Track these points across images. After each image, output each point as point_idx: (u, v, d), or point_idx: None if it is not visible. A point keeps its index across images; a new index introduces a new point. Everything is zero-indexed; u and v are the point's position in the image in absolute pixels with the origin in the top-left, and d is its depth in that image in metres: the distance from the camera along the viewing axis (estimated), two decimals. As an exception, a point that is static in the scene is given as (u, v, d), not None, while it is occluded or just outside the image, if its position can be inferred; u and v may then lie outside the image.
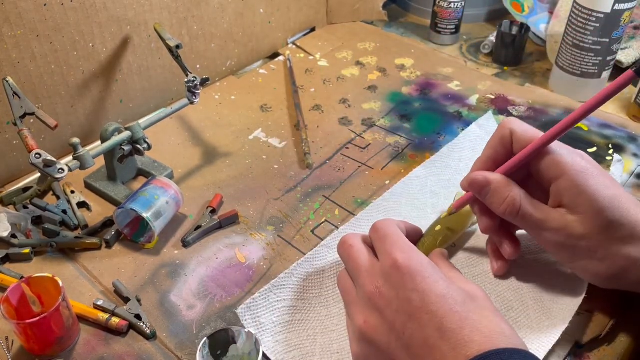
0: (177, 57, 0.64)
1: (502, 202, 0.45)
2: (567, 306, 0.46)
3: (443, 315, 0.36)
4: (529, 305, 0.47)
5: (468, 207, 0.53)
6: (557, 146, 0.44)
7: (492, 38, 0.88)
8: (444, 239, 0.50)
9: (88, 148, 0.54)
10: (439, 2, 0.88)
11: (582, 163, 0.43)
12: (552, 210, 0.44)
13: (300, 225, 0.58)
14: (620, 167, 0.64)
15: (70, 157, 0.53)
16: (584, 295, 0.47)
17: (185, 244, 0.56)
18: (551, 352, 0.44)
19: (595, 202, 0.41)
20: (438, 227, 0.51)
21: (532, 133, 0.45)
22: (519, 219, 0.45)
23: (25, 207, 0.59)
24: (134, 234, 0.56)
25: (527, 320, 0.46)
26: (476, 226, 0.56)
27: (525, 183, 0.46)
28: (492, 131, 0.67)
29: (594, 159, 0.45)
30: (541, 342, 0.44)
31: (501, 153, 0.47)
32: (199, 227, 0.57)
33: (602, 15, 0.68)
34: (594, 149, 0.67)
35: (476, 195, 0.47)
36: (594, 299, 0.47)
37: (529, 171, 0.46)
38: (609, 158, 0.65)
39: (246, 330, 0.43)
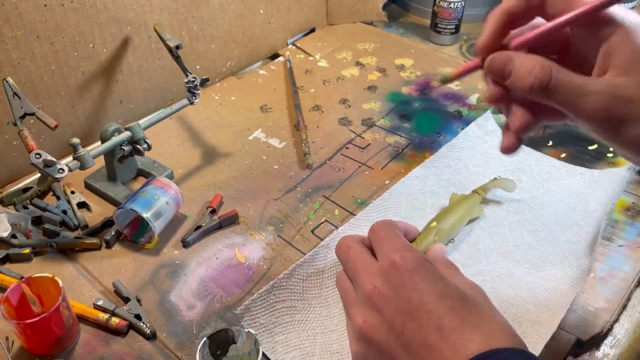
0: (177, 58, 0.64)
1: (529, 74, 0.37)
2: (565, 296, 0.46)
3: (442, 314, 0.36)
4: (527, 300, 0.47)
5: (466, 204, 0.53)
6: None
7: (492, 38, 0.88)
8: (440, 235, 0.50)
9: (88, 148, 0.54)
10: (438, 2, 0.88)
11: (637, 17, 0.36)
12: (594, 77, 0.36)
13: (300, 225, 0.58)
14: None
15: (70, 157, 0.53)
16: (581, 287, 0.47)
17: (185, 244, 0.56)
18: (552, 350, 0.44)
19: None
20: (434, 224, 0.51)
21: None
22: (551, 91, 0.37)
23: (25, 207, 0.59)
24: (134, 234, 0.56)
25: (526, 315, 0.46)
26: (474, 223, 0.56)
27: (564, 50, 0.40)
28: (491, 131, 0.67)
29: (594, 156, 0.43)
30: (541, 334, 0.44)
31: (522, 6, 0.38)
32: (199, 227, 0.57)
33: (601, 15, 0.68)
34: (595, 145, 0.67)
35: (498, 80, 0.39)
36: (594, 297, 0.47)
37: (566, 40, 0.39)
38: (609, 155, 0.65)
39: (246, 330, 0.43)
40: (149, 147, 0.59)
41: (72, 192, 0.61)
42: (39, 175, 0.62)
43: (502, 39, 0.39)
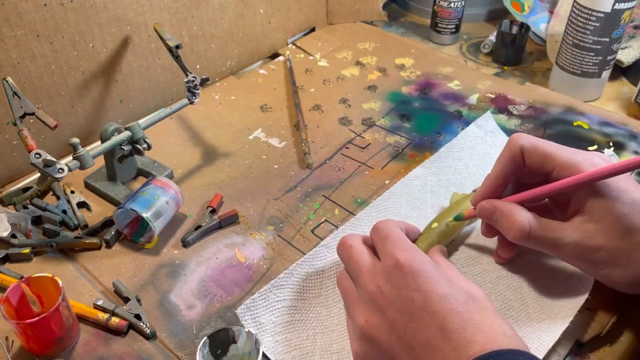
0: (177, 57, 0.64)
1: (510, 228, 0.44)
2: (569, 305, 0.46)
3: (445, 315, 0.36)
4: (529, 304, 0.47)
5: (466, 205, 0.53)
6: (573, 154, 0.43)
7: (492, 38, 0.88)
8: (442, 236, 0.50)
9: (88, 148, 0.54)
10: (439, 2, 0.88)
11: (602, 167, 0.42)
12: (566, 225, 0.43)
13: (300, 225, 0.58)
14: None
15: (70, 157, 0.53)
16: (587, 295, 0.46)
17: (185, 243, 0.56)
18: (552, 351, 0.44)
19: (615, 207, 0.40)
20: (435, 225, 0.51)
21: (543, 146, 0.44)
22: (532, 242, 0.44)
23: (25, 207, 0.59)
24: (134, 234, 0.56)
25: (527, 319, 0.46)
26: (475, 223, 0.56)
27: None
28: (491, 131, 0.67)
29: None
30: (542, 341, 0.44)
31: (511, 170, 0.46)
32: (198, 227, 0.57)
33: (602, 15, 0.68)
34: (595, 146, 0.67)
35: (487, 221, 0.48)
36: (594, 297, 0.47)
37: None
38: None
39: (246, 329, 0.43)
40: (149, 147, 0.59)
41: (72, 192, 0.61)
42: (38, 175, 0.62)
43: (494, 196, 0.48)
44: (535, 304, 0.47)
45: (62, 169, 0.50)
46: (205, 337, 0.42)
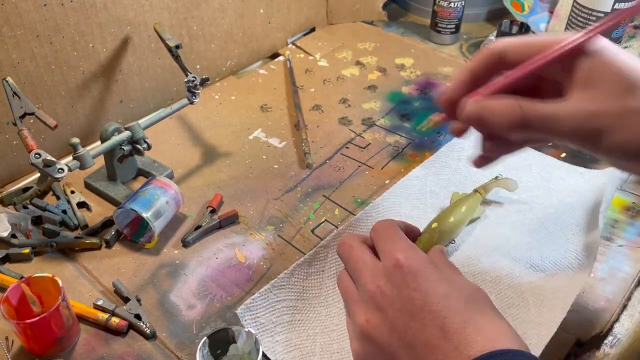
0: (176, 57, 0.64)
1: (500, 115, 0.39)
2: (566, 296, 0.46)
3: (445, 315, 0.36)
4: (528, 301, 0.47)
5: (467, 205, 0.53)
6: (559, 36, 0.39)
7: (492, 37, 0.88)
8: (442, 236, 0.50)
9: (88, 148, 0.54)
10: (439, 2, 0.88)
11: (596, 41, 0.38)
12: (561, 100, 0.39)
13: (300, 225, 0.58)
14: None
15: (70, 157, 0.53)
16: (581, 286, 0.46)
17: (185, 243, 0.56)
18: (552, 350, 0.44)
19: (612, 66, 0.37)
20: (435, 225, 0.51)
21: (524, 38, 0.40)
22: (526, 125, 0.39)
23: (25, 207, 0.59)
24: (134, 233, 0.56)
25: (527, 316, 0.46)
26: (476, 223, 0.56)
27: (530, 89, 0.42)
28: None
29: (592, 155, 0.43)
30: (541, 335, 0.44)
31: (483, 70, 0.41)
32: (199, 227, 0.57)
33: (602, 15, 0.68)
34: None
35: (474, 128, 0.42)
36: (594, 297, 0.47)
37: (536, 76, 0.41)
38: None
39: (246, 329, 0.43)
40: (149, 147, 0.59)
41: (72, 192, 0.61)
42: (38, 175, 0.62)
43: (466, 94, 0.42)
44: (535, 300, 0.47)
45: (62, 169, 0.50)
46: (205, 337, 0.42)
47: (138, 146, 0.58)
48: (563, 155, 0.65)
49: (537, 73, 0.40)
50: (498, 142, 0.44)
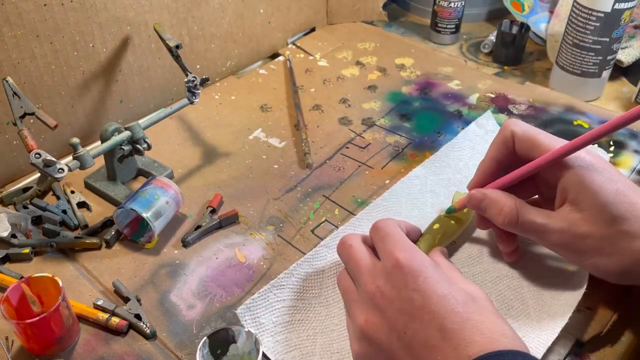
0: (177, 57, 0.64)
1: (499, 214, 0.45)
2: (567, 302, 0.46)
3: (445, 315, 0.36)
4: (528, 304, 0.47)
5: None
6: (557, 141, 0.45)
7: (492, 37, 0.88)
8: (443, 237, 0.50)
9: (88, 148, 0.54)
10: (439, 2, 0.88)
11: (587, 158, 0.43)
12: (554, 213, 0.44)
13: (300, 225, 0.58)
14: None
15: (70, 157, 0.53)
16: (583, 291, 0.46)
17: (185, 243, 0.56)
18: (552, 350, 0.44)
19: (599, 196, 0.41)
20: (437, 226, 0.51)
21: (532, 133, 0.46)
22: (519, 227, 0.45)
23: (25, 207, 0.59)
24: (134, 233, 0.56)
25: (527, 319, 0.46)
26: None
27: (534, 184, 0.48)
28: (492, 130, 0.67)
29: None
30: (541, 340, 0.44)
31: (504, 154, 0.48)
32: (199, 227, 0.57)
33: (602, 15, 0.68)
34: (595, 145, 0.67)
35: (477, 211, 0.48)
36: (594, 296, 0.47)
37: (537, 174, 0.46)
38: (610, 155, 0.65)
39: (246, 329, 0.43)
40: (149, 147, 0.59)
41: (72, 192, 0.61)
42: (39, 175, 0.62)
43: (490, 180, 0.48)
44: (535, 304, 0.47)
45: (62, 169, 0.50)
46: (205, 337, 0.42)
47: (138, 146, 0.59)
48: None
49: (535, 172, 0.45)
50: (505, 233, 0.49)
